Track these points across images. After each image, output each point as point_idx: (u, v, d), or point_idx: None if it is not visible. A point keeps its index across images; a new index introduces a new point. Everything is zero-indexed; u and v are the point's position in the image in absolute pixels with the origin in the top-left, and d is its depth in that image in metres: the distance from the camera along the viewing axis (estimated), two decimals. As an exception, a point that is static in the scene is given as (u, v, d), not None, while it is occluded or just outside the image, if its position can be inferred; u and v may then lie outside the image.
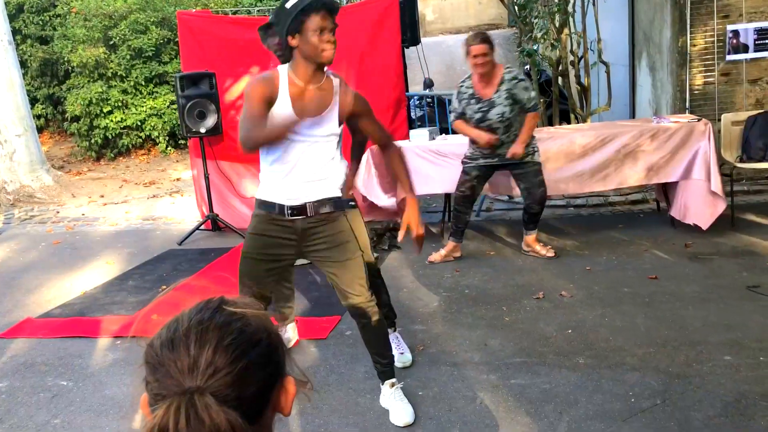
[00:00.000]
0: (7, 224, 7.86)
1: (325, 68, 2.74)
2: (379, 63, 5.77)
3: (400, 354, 3.49)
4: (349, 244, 2.85)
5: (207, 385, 0.83)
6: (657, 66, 6.34)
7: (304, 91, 2.70)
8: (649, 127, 4.98)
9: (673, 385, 3.06)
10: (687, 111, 5.85)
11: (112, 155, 10.45)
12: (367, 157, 5.29)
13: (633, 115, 6.98)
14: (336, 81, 2.78)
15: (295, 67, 2.70)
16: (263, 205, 2.86)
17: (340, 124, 2.78)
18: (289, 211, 2.79)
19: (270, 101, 2.67)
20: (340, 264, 2.85)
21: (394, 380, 3.06)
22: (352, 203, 2.95)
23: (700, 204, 4.84)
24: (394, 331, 3.59)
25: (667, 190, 5.28)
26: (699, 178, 4.80)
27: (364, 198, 5.39)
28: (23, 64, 11.04)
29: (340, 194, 2.85)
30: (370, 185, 5.40)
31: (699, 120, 4.97)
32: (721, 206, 4.82)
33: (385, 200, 5.37)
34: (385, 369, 3.04)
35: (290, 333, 3.78)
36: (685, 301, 3.94)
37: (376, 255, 3.61)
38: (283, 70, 2.73)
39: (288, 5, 2.61)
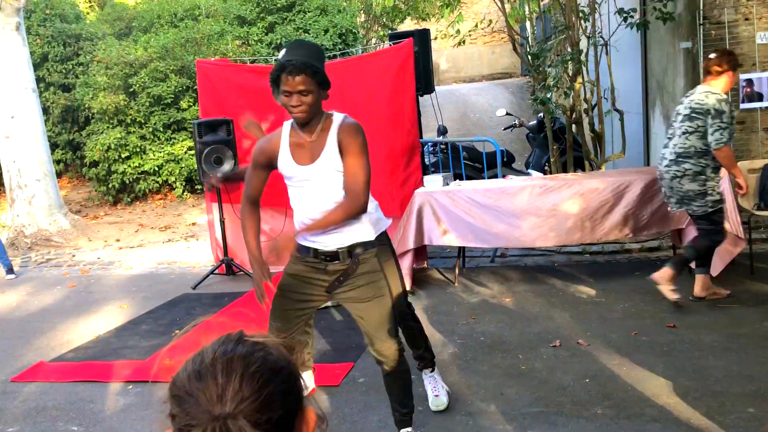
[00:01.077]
0: (23, 267, 7.92)
1: (331, 112, 2.78)
2: (395, 110, 5.83)
3: (435, 396, 3.45)
4: (377, 285, 2.84)
5: (237, 410, 0.87)
6: (671, 114, 6.36)
7: (303, 140, 2.74)
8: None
9: (695, 438, 2.98)
10: (702, 158, 5.83)
11: (129, 200, 10.56)
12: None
13: (648, 163, 6.97)
14: (337, 120, 2.74)
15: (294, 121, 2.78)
16: (299, 248, 2.88)
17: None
18: (322, 257, 2.80)
19: (268, 162, 2.80)
20: (366, 306, 2.83)
21: (410, 429, 3.00)
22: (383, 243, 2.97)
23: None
24: (432, 371, 3.56)
25: (682, 236, 5.23)
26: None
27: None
28: (45, 110, 11.29)
29: (371, 237, 2.85)
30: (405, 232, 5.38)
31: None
32: (740, 245, 4.76)
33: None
34: (404, 418, 2.99)
35: (307, 381, 3.74)
36: (704, 351, 3.87)
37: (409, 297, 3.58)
38: (287, 124, 2.81)
39: (279, 55, 2.73)
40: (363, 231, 2.81)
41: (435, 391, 3.49)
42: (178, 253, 7.95)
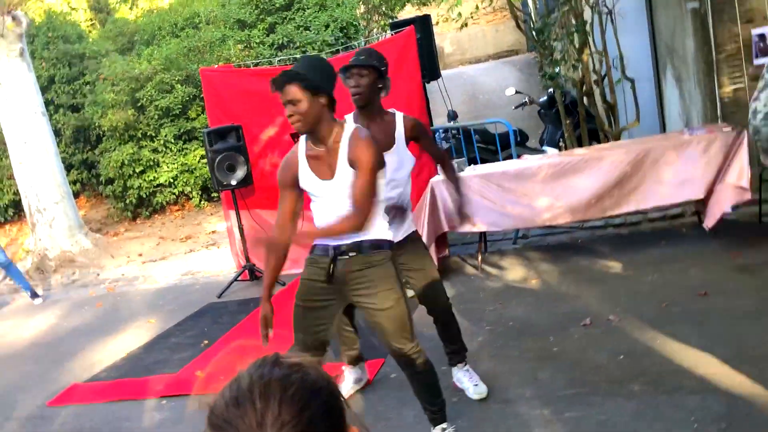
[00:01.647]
0: (50, 290, 8.00)
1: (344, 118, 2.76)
2: (401, 101, 5.76)
3: (475, 386, 3.44)
4: (392, 291, 2.77)
5: None
6: (683, 77, 6.23)
7: (319, 153, 2.71)
8: (681, 140, 4.88)
9: (737, 407, 2.91)
10: (719, 119, 5.72)
11: (148, 214, 10.61)
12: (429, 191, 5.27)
13: (663, 129, 6.85)
14: (348, 131, 2.70)
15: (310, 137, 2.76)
16: (312, 248, 2.85)
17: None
18: (331, 252, 2.76)
19: (293, 181, 2.77)
20: (382, 313, 2.78)
21: (445, 425, 2.97)
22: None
23: (726, 198, 4.69)
24: (465, 364, 3.54)
25: (706, 202, 5.12)
26: (731, 182, 4.66)
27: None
28: (57, 132, 11.36)
29: (387, 237, 2.81)
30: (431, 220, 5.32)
31: (731, 128, 4.84)
32: (746, 196, 4.66)
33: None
34: (435, 416, 2.96)
35: (360, 374, 3.74)
36: (739, 317, 3.79)
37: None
38: (302, 139, 2.78)
39: None
40: (379, 230, 2.77)
41: (473, 380, 3.47)
42: (200, 262, 7.98)
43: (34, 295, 7.35)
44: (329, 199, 2.72)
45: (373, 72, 3.17)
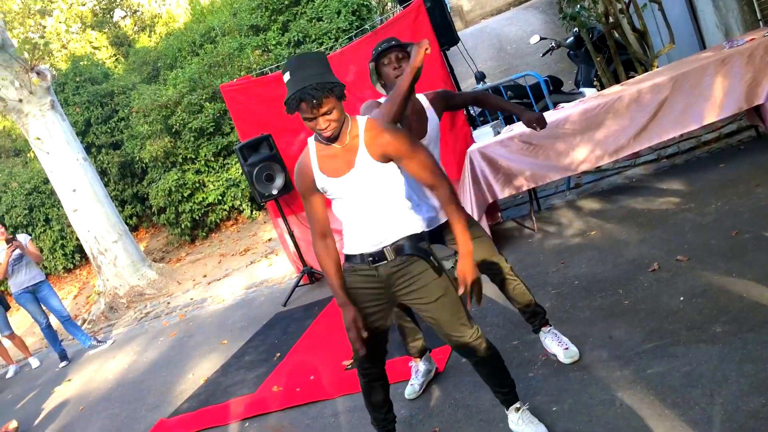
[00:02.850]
0: (126, 327, 8.23)
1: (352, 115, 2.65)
2: (423, 74, 5.61)
3: (565, 350, 3.32)
4: (438, 281, 2.69)
5: None
6: (713, -14, 5.86)
7: (334, 151, 2.60)
8: (721, 55, 4.58)
9: (832, 333, 2.72)
10: (760, 23, 5.36)
11: (204, 234, 10.79)
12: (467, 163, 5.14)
13: (703, 45, 6.48)
14: (362, 124, 2.60)
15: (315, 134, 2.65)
16: (347, 258, 2.79)
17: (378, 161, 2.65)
18: (369, 259, 2.69)
19: (313, 185, 2.66)
20: (433, 305, 2.69)
21: (518, 404, 2.87)
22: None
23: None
24: (550, 326, 3.44)
25: (760, 112, 4.82)
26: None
27: None
28: (104, 172, 11.67)
29: (419, 230, 2.72)
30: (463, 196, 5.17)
31: (776, 30, 4.52)
32: None
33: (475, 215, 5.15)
34: (508, 397, 2.86)
35: (429, 364, 3.69)
36: (818, 232, 3.54)
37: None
38: (311, 140, 2.68)
39: (285, 79, 2.52)
40: (409, 224, 2.68)
41: (562, 344, 3.35)
42: (262, 272, 8.05)
43: (64, 358, 7.55)
44: (349, 195, 2.61)
45: (407, 54, 3.11)
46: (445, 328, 2.72)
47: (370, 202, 2.61)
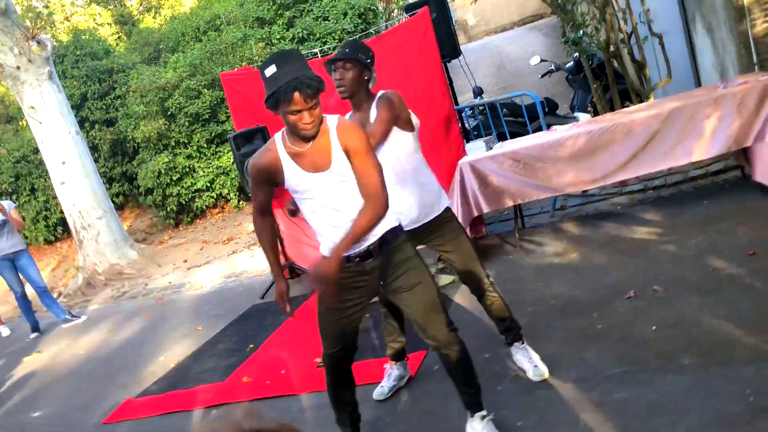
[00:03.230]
0: (102, 304, 8.19)
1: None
2: (423, 83, 5.67)
3: (535, 367, 3.38)
4: (416, 270, 2.76)
5: None
6: (714, 26, 5.96)
7: (302, 150, 2.59)
8: (715, 95, 4.67)
9: (795, 375, 2.78)
10: (755, 66, 5.46)
11: (189, 219, 10.77)
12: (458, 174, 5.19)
13: (698, 83, 6.58)
14: (333, 122, 2.62)
15: (288, 132, 2.61)
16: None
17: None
18: (357, 259, 2.73)
19: (270, 178, 2.64)
20: (410, 294, 2.75)
21: (485, 412, 2.92)
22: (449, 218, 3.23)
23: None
24: (522, 342, 3.49)
25: (747, 154, 4.91)
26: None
27: None
28: (95, 147, 11.61)
29: (396, 223, 2.78)
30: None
31: (769, 76, 4.61)
32: None
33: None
34: (474, 399, 2.91)
35: (403, 371, 3.72)
36: (792, 275, 3.62)
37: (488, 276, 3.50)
38: (277, 136, 2.66)
39: (267, 74, 2.48)
40: (388, 219, 2.73)
41: (532, 362, 3.41)
42: (243, 263, 8.06)
43: (36, 329, 7.51)
44: (323, 191, 2.61)
45: (357, 65, 3.09)
46: (420, 317, 2.77)
47: (349, 199, 2.64)
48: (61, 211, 10.86)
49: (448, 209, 3.40)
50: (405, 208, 3.19)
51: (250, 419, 0.92)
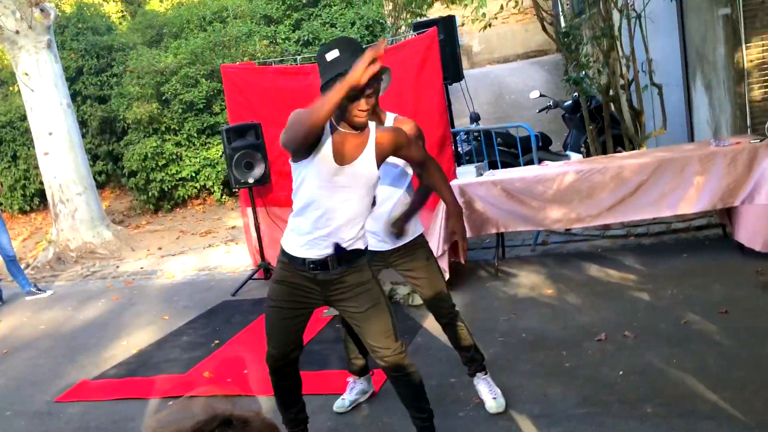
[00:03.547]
0: (70, 281, 8.06)
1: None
2: (422, 102, 5.68)
3: (494, 399, 3.35)
4: (371, 293, 2.77)
5: None
6: (713, 84, 6.06)
7: (345, 137, 2.60)
8: (706, 152, 4.73)
9: (754, 436, 2.80)
10: (749, 129, 5.55)
11: (170, 207, 10.67)
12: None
13: (691, 137, 6.67)
14: (372, 123, 2.67)
15: (340, 115, 2.57)
16: (285, 254, 2.78)
17: (378, 167, 2.69)
18: (311, 266, 2.71)
19: (317, 138, 2.54)
20: (363, 316, 2.76)
21: (437, 437, 2.90)
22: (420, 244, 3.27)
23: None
24: (486, 374, 3.47)
25: (730, 213, 4.98)
26: (766, 203, 4.50)
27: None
28: (84, 123, 11.48)
29: (363, 246, 2.78)
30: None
31: (762, 140, 4.68)
32: None
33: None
34: (425, 424, 2.89)
35: (366, 385, 3.69)
36: (760, 338, 3.64)
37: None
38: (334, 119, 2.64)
39: (328, 57, 2.55)
40: (357, 239, 2.74)
41: (492, 393, 3.39)
42: (218, 258, 7.98)
43: None
44: (329, 184, 2.59)
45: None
46: (370, 338, 2.77)
47: (345, 208, 2.63)
48: (41, 182, 10.69)
49: (422, 235, 3.39)
50: (379, 228, 3.17)
51: (224, 405, 0.92)
